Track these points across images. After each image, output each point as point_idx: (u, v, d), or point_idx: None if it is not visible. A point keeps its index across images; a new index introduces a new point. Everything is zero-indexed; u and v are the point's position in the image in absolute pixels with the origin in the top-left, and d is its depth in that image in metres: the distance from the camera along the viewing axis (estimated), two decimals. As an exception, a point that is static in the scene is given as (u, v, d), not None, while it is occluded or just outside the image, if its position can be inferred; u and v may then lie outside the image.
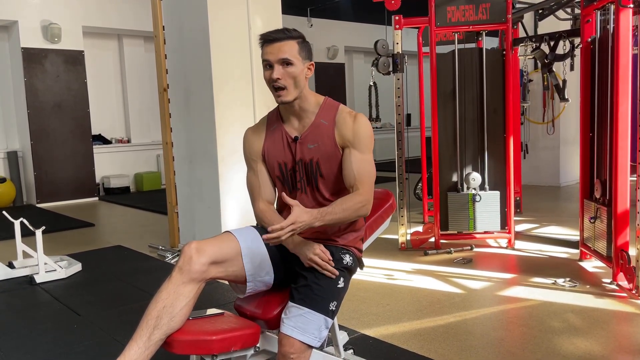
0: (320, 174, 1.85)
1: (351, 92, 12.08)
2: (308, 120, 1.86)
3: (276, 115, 1.94)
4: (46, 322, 3.09)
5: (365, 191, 1.80)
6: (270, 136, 1.92)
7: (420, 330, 2.74)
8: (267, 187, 1.93)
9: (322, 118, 1.85)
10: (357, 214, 1.80)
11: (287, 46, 1.76)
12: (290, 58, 1.76)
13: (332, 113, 1.86)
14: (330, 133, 1.83)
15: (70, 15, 7.87)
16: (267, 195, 1.93)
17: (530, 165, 7.18)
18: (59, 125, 7.88)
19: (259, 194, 1.92)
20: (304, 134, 1.86)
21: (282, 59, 1.75)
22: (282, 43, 1.76)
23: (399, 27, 4.21)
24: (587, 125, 3.62)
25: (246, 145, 1.96)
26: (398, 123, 4.28)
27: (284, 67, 1.76)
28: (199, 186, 4.36)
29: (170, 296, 1.66)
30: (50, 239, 5.10)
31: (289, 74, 1.76)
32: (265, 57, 1.78)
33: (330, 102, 1.90)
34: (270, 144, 1.91)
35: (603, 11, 3.40)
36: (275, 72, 1.75)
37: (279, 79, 1.75)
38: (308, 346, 1.69)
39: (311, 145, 1.84)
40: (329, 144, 1.83)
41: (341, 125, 1.83)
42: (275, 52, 1.76)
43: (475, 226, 4.17)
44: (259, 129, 1.96)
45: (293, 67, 1.77)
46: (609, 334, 2.61)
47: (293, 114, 1.88)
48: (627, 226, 3.18)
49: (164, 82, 4.66)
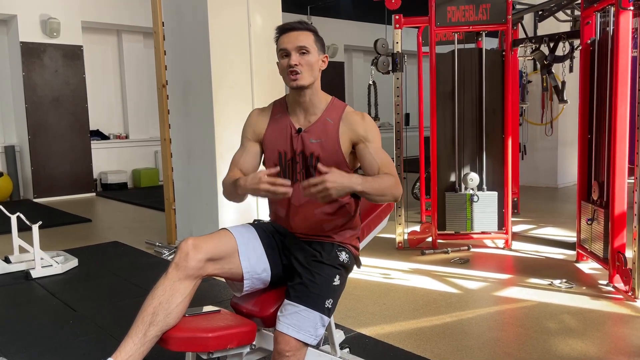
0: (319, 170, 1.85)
1: (350, 90, 12.07)
2: (314, 116, 1.88)
3: (283, 105, 1.95)
4: (42, 317, 3.08)
5: (395, 174, 1.81)
6: (274, 123, 1.93)
7: (417, 329, 2.74)
8: (248, 164, 1.93)
9: (328, 116, 1.87)
10: (392, 192, 1.75)
11: (303, 35, 1.81)
12: (307, 46, 1.80)
13: (339, 113, 1.88)
14: (335, 132, 1.85)
15: (70, 10, 7.85)
16: (245, 170, 1.92)
17: (528, 166, 7.19)
18: (57, 120, 7.86)
19: (236, 165, 1.93)
20: (309, 127, 1.87)
21: (299, 46, 1.79)
22: (298, 32, 1.81)
23: (399, 26, 4.21)
24: (586, 127, 3.62)
25: (248, 122, 1.98)
26: (397, 122, 4.28)
27: (301, 55, 1.79)
28: (197, 183, 4.35)
29: (167, 292, 1.66)
30: (47, 234, 5.08)
31: (305, 61, 1.79)
32: (282, 46, 1.81)
33: (337, 102, 1.92)
34: (273, 131, 1.92)
35: (603, 13, 3.40)
36: (293, 59, 1.78)
37: (297, 64, 1.78)
38: (304, 344, 1.69)
39: (315, 140, 1.85)
40: (332, 142, 1.84)
41: (352, 124, 1.85)
42: (293, 41, 1.79)
43: (473, 226, 4.18)
44: (265, 113, 1.98)
45: (309, 55, 1.80)
46: (604, 336, 2.61)
47: (301, 107, 1.88)
48: (624, 228, 3.18)
49: (162, 78, 4.65)
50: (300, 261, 1.81)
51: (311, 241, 1.88)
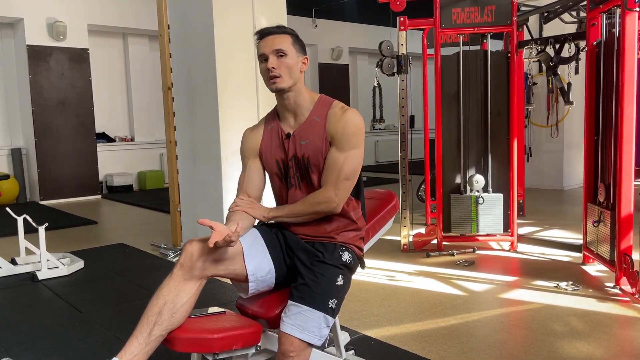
0: (312, 170, 1.86)
1: (355, 93, 12.07)
2: (302, 117, 1.88)
3: (273, 115, 1.97)
4: (48, 318, 3.09)
5: (327, 188, 1.82)
6: (268, 135, 1.94)
7: (422, 332, 2.73)
8: (251, 183, 1.94)
9: (315, 115, 1.87)
10: (313, 209, 1.83)
11: (280, 39, 1.82)
12: (284, 49, 1.81)
13: (325, 109, 1.87)
14: (322, 129, 1.84)
15: (76, 13, 7.90)
16: (250, 191, 1.93)
17: (534, 168, 7.17)
18: (63, 122, 7.90)
19: (241, 188, 1.94)
20: (297, 130, 1.88)
21: (276, 50, 1.80)
22: (275, 36, 1.82)
23: (404, 28, 4.21)
24: (592, 129, 3.60)
25: (243, 142, 2.00)
26: (402, 124, 4.28)
27: (278, 58, 1.80)
28: (202, 185, 4.36)
29: (172, 293, 1.66)
30: (53, 236, 5.10)
31: (283, 64, 1.80)
32: (260, 52, 1.83)
33: (325, 99, 1.92)
34: (267, 142, 1.93)
35: (609, 14, 3.39)
36: (270, 62, 1.80)
37: (274, 68, 1.79)
38: (308, 344, 1.69)
39: (303, 141, 1.86)
40: (319, 140, 1.84)
41: (330, 121, 1.84)
42: (270, 45, 1.81)
43: (478, 228, 4.16)
44: (257, 128, 1.99)
45: (287, 57, 1.81)
46: (611, 338, 2.60)
47: (288, 111, 1.89)
48: (631, 230, 3.17)
49: (168, 80, 4.66)
50: (303, 262, 1.81)
51: (313, 242, 1.88)
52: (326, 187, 1.83)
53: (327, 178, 1.83)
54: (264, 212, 1.88)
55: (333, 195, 1.82)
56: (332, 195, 1.82)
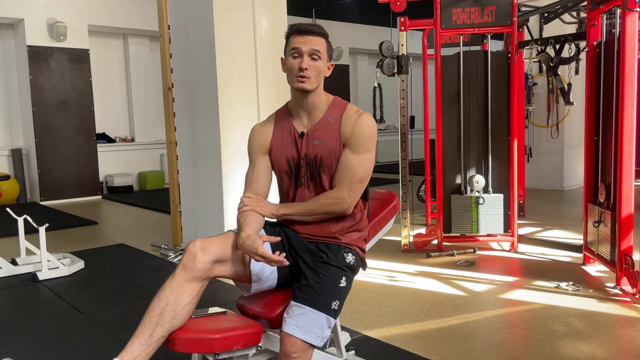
0: (323, 171, 1.86)
1: (355, 93, 12.08)
2: (317, 117, 1.88)
3: (285, 112, 1.96)
4: (48, 319, 3.09)
5: (340, 189, 1.83)
6: (279, 132, 1.93)
7: (423, 332, 2.73)
8: (260, 181, 1.93)
9: (330, 116, 1.87)
10: (325, 209, 1.83)
11: (318, 41, 1.82)
12: (320, 52, 1.81)
13: (340, 111, 1.88)
14: (337, 131, 1.85)
15: (76, 13, 7.90)
16: (258, 188, 1.92)
17: (534, 169, 7.17)
18: (64, 123, 7.90)
19: (249, 186, 1.93)
20: (311, 130, 1.87)
21: (313, 50, 1.80)
22: (314, 37, 1.82)
23: (404, 28, 4.21)
24: (592, 129, 3.60)
25: (251, 138, 1.97)
26: (402, 125, 4.28)
27: (312, 60, 1.80)
28: (203, 185, 4.36)
29: (174, 294, 1.66)
30: (54, 237, 5.11)
31: (315, 66, 1.81)
32: (295, 45, 1.81)
33: (340, 101, 1.92)
34: (278, 140, 1.92)
35: (609, 15, 3.39)
36: (305, 62, 1.79)
37: (307, 69, 1.79)
38: (310, 345, 1.69)
39: (317, 141, 1.86)
40: (334, 141, 1.85)
41: (345, 123, 1.85)
42: (308, 43, 1.80)
43: (479, 229, 4.16)
44: (267, 124, 1.97)
45: (319, 61, 1.82)
46: (612, 339, 2.60)
47: (303, 109, 1.89)
48: (632, 230, 3.17)
49: (168, 81, 4.67)
50: (307, 262, 1.81)
51: (317, 242, 1.88)
52: (339, 187, 1.83)
53: (341, 179, 1.83)
54: (272, 210, 1.87)
55: (346, 196, 1.82)
56: (345, 196, 1.82)
